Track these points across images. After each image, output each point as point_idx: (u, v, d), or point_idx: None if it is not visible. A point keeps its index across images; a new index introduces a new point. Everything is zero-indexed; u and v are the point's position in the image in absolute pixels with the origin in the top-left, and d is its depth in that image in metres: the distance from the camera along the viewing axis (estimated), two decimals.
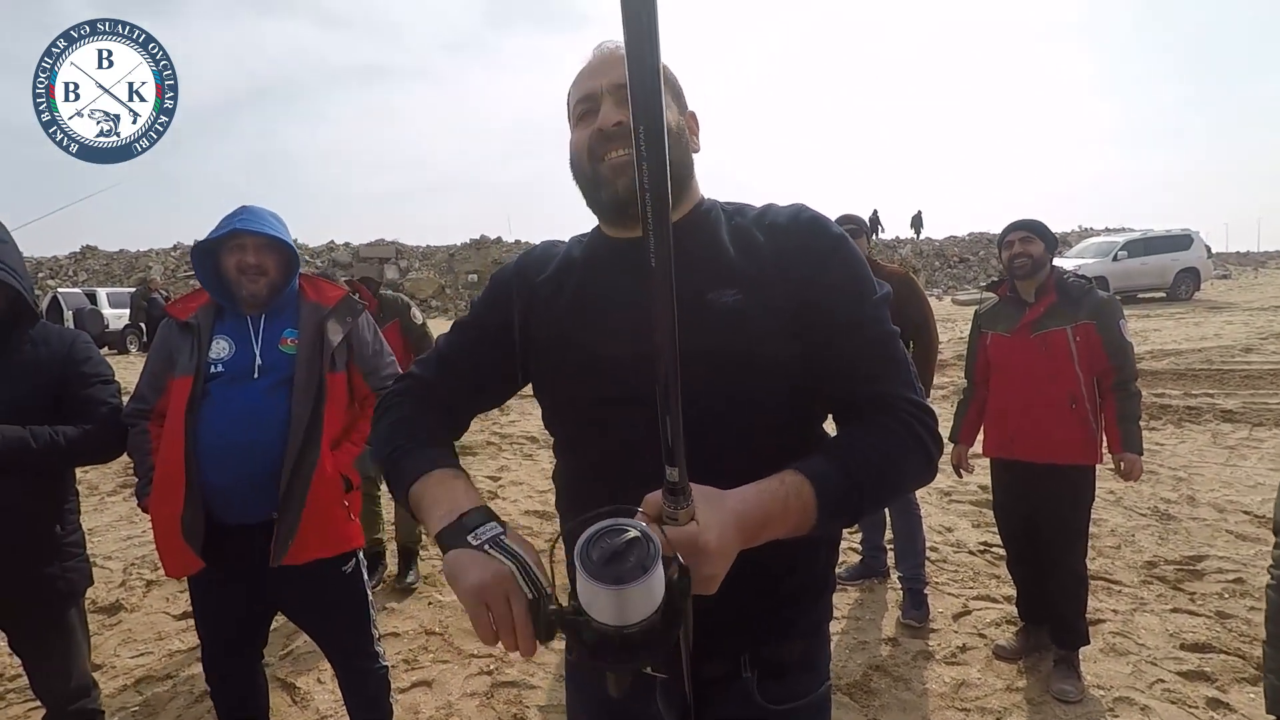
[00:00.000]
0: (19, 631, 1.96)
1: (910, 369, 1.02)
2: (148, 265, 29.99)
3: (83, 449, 1.94)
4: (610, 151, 1.01)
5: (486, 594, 0.80)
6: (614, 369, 1.00)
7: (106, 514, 5.17)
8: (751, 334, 0.96)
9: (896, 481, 0.96)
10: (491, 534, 0.86)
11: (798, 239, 1.02)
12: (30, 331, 1.95)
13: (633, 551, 0.68)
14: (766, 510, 0.83)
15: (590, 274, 1.09)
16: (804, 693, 1.08)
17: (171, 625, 3.48)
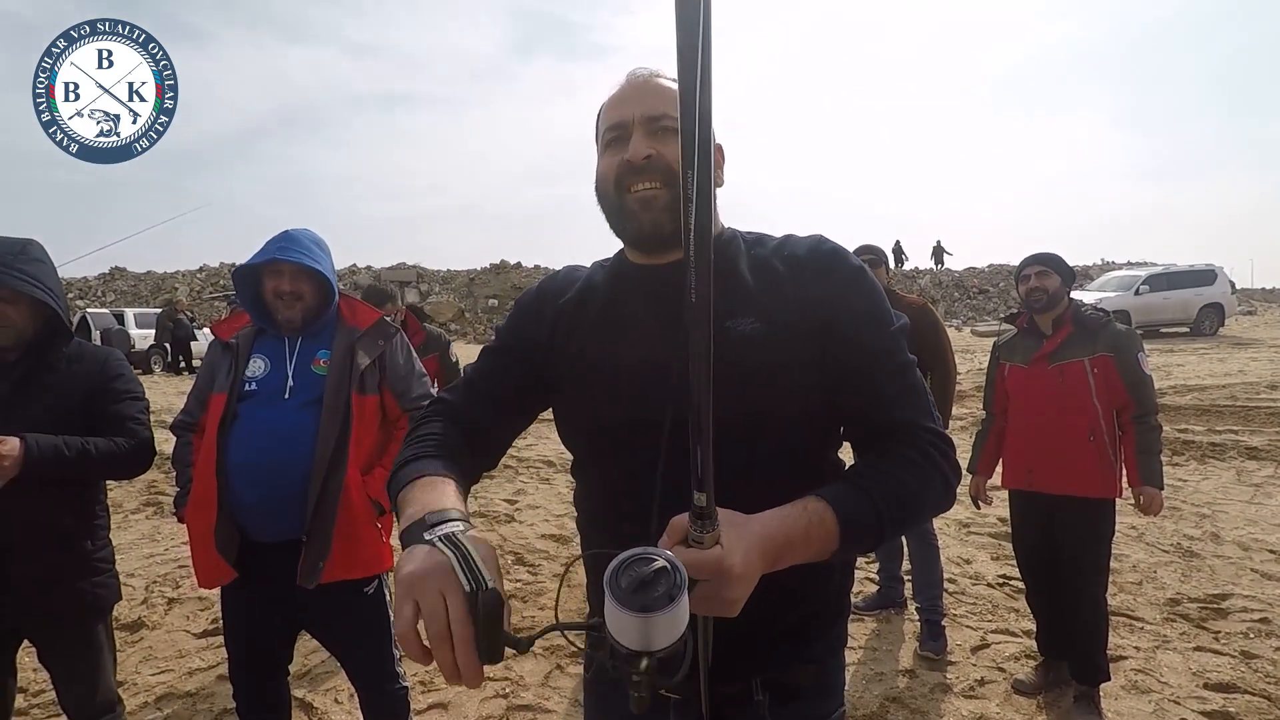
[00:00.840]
0: (48, 646, 2.00)
1: (928, 398, 1.04)
2: (174, 286, 30.56)
3: (113, 461, 1.98)
4: (637, 184, 1.02)
5: (417, 586, 0.71)
6: (634, 391, 1.01)
7: (129, 532, 5.25)
8: (769, 361, 0.98)
9: (916, 509, 0.97)
10: (446, 530, 0.78)
11: (817, 270, 1.04)
12: (65, 349, 2.01)
13: (661, 581, 0.69)
14: (789, 535, 0.85)
15: (613, 298, 1.11)
16: (817, 717, 1.09)
17: (192, 643, 3.52)
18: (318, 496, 1.95)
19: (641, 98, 1.04)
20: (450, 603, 0.70)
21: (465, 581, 0.71)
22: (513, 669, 3.16)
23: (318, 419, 2.01)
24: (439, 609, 0.70)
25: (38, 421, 1.89)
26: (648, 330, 1.04)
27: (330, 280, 2.14)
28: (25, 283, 1.87)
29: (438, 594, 0.70)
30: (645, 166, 1.01)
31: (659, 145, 1.01)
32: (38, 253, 1.97)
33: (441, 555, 0.74)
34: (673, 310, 1.00)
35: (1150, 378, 2.77)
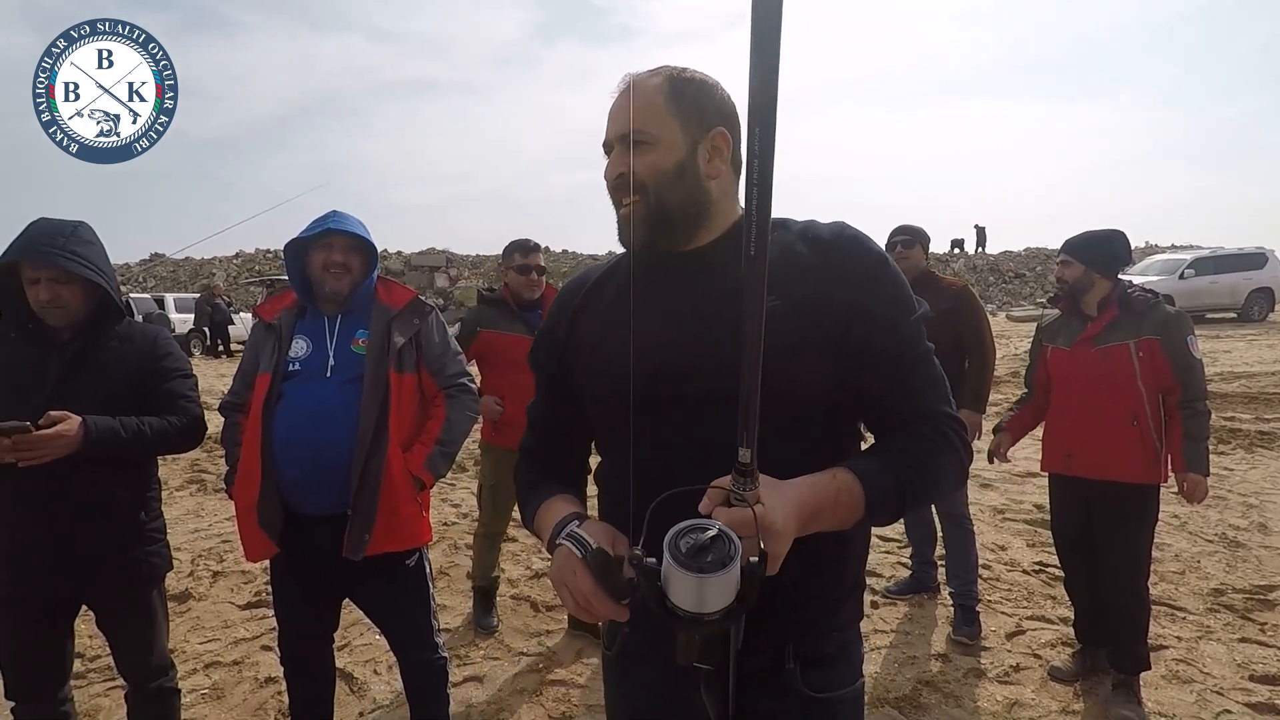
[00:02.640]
0: (106, 612, 2.08)
1: (944, 385, 1.08)
2: (211, 272, 31.23)
3: (166, 439, 2.04)
4: (620, 201, 1.10)
5: (559, 575, 0.96)
6: (654, 369, 1.04)
7: (175, 508, 5.40)
8: (788, 339, 0.99)
9: (935, 484, 1.03)
10: (567, 529, 1.00)
11: (840, 256, 1.06)
12: (117, 328, 2.07)
13: (715, 547, 0.77)
14: (820, 501, 0.92)
15: (623, 283, 1.15)
16: (843, 684, 1.13)
17: (237, 614, 3.64)
18: (361, 471, 2.00)
19: (614, 117, 1.11)
20: (579, 574, 0.94)
21: (578, 553, 0.95)
22: (546, 645, 3.22)
23: (359, 397, 2.05)
24: (575, 583, 0.94)
25: (91, 399, 1.94)
26: (662, 310, 1.08)
27: (375, 254, 2.19)
28: (77, 263, 1.92)
29: (571, 573, 0.95)
30: (620, 184, 1.08)
31: (630, 161, 1.08)
32: (88, 234, 2.02)
33: (564, 547, 0.98)
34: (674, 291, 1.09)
35: (1200, 361, 2.68)
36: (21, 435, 1.77)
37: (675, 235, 1.09)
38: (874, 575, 3.93)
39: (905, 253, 3.44)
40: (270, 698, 2.84)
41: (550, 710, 2.76)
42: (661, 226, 1.08)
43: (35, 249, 1.90)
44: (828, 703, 1.10)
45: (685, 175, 1.07)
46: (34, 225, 1.97)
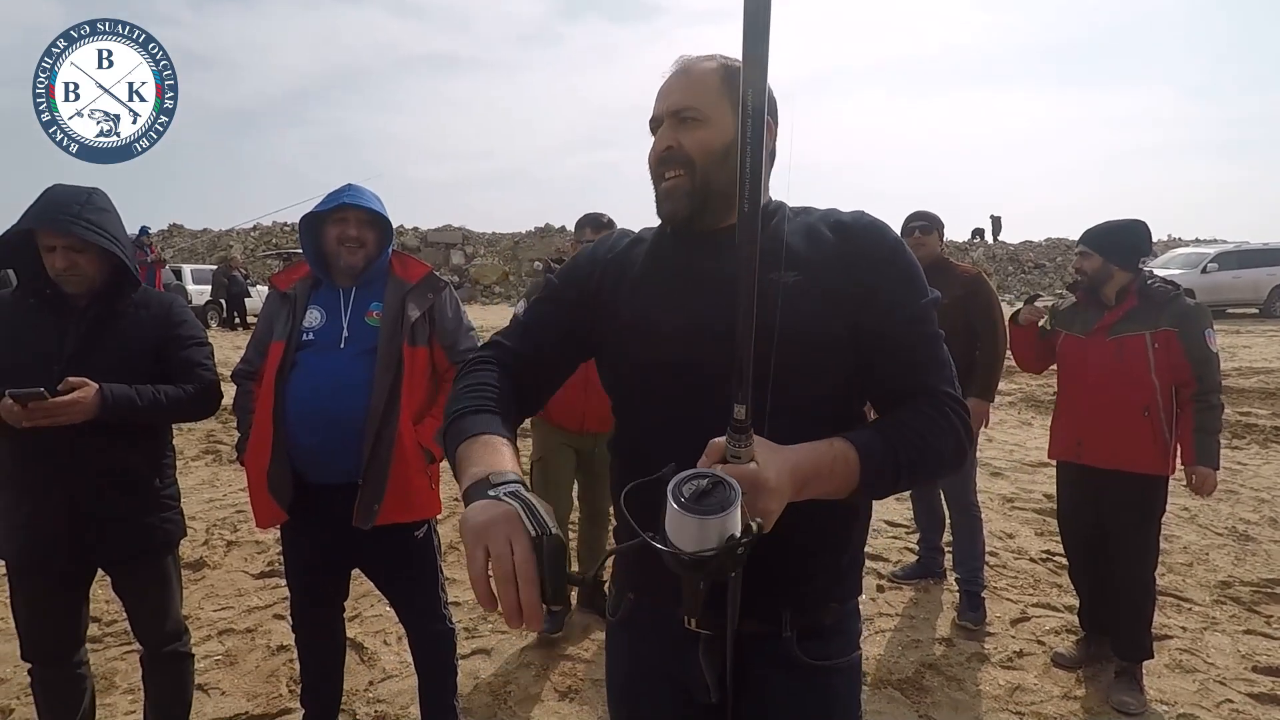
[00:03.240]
0: (122, 577, 2.12)
1: (950, 369, 1.10)
2: (229, 244, 31.37)
3: (181, 406, 2.06)
4: (665, 173, 1.11)
5: (486, 533, 0.77)
6: (672, 338, 1.08)
7: (190, 478, 5.48)
8: (807, 313, 1.03)
9: (932, 461, 1.04)
10: (510, 488, 0.85)
11: (859, 240, 1.10)
12: (133, 295, 2.09)
13: (716, 492, 0.80)
14: (816, 466, 0.94)
15: (656, 253, 1.19)
16: (840, 654, 1.15)
17: (250, 583, 3.70)
18: (373, 442, 2.03)
19: (670, 92, 1.14)
20: (516, 548, 0.76)
21: (531, 528, 0.78)
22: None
23: (372, 368, 2.07)
24: (506, 553, 0.76)
25: (109, 366, 1.96)
26: (684, 282, 1.11)
27: (390, 229, 2.20)
28: (92, 231, 1.93)
29: (505, 540, 0.77)
30: (668, 157, 1.11)
31: (682, 136, 1.11)
32: (103, 201, 2.03)
33: (508, 506, 0.81)
34: (702, 270, 1.10)
35: (1216, 355, 2.64)
36: (39, 402, 1.80)
37: (714, 213, 1.12)
38: (880, 560, 3.94)
39: (922, 239, 3.42)
40: (282, 665, 2.89)
41: (556, 684, 2.80)
42: (702, 203, 1.11)
43: (50, 217, 1.92)
44: (824, 670, 1.13)
45: (731, 157, 1.09)
46: (49, 192, 1.98)
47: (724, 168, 1.08)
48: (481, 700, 2.70)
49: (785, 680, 1.12)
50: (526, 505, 0.81)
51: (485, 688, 2.78)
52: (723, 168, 1.08)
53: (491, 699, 2.71)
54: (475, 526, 0.79)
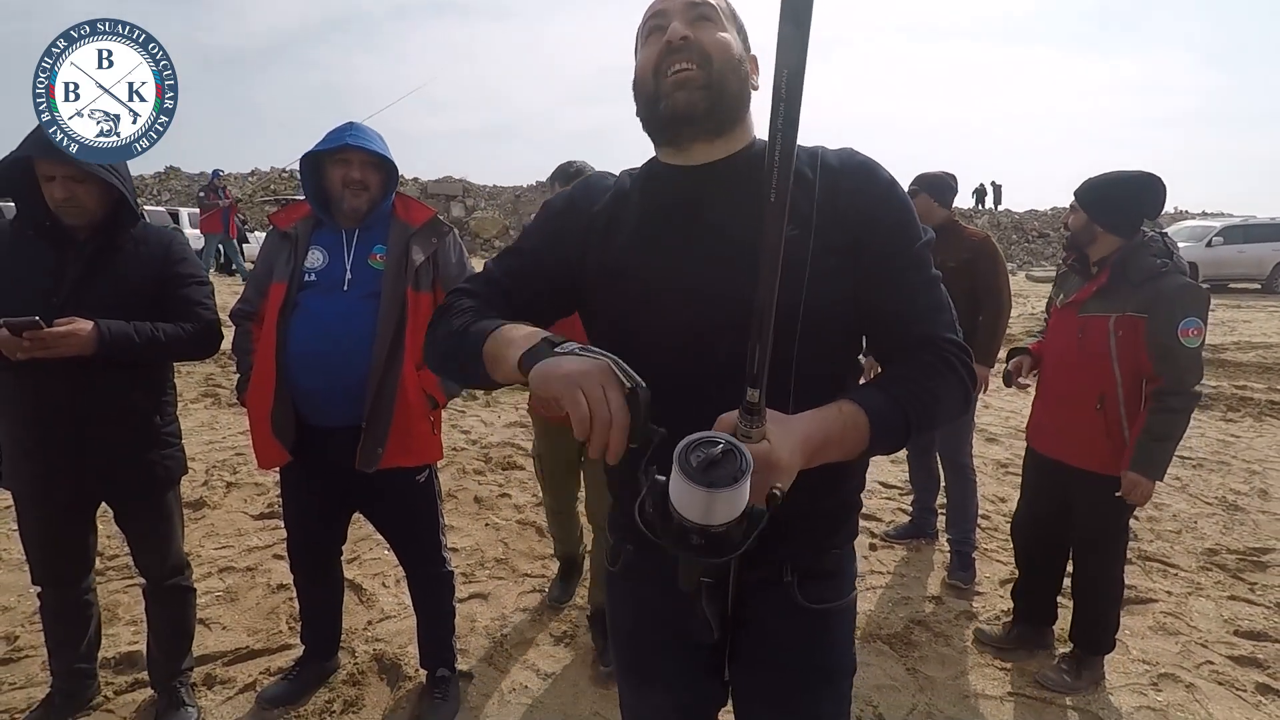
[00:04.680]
0: (124, 511, 2.15)
1: (950, 312, 1.07)
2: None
3: (180, 345, 2.05)
4: (674, 64, 1.03)
5: (585, 380, 0.81)
6: (671, 304, 1.02)
7: (190, 420, 5.50)
8: (804, 264, 0.99)
9: (938, 413, 1.02)
10: (576, 346, 0.87)
11: (850, 181, 1.04)
12: (132, 231, 2.06)
13: (727, 462, 0.74)
14: (827, 434, 0.92)
15: (647, 206, 1.11)
16: (837, 596, 1.17)
17: (250, 523, 3.74)
18: (377, 385, 2.02)
19: None
20: (611, 396, 0.81)
21: (625, 380, 0.82)
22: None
23: (375, 311, 2.05)
24: (603, 400, 0.80)
25: (107, 301, 1.95)
26: (682, 239, 1.05)
27: (395, 172, 2.16)
28: (93, 163, 1.91)
29: (600, 388, 0.81)
30: (683, 47, 1.03)
31: (699, 31, 1.04)
32: None
33: (600, 359, 0.83)
34: (705, 218, 1.04)
35: (1192, 350, 2.24)
36: (34, 331, 1.78)
37: (720, 121, 1.05)
38: (874, 519, 3.99)
39: (915, 200, 3.39)
40: (282, 603, 2.94)
41: (552, 630, 2.85)
42: (715, 104, 1.03)
43: (50, 144, 1.88)
44: (823, 613, 1.15)
45: (741, 70, 1.07)
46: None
47: (735, 76, 1.05)
48: (479, 643, 2.75)
49: (785, 622, 1.14)
50: (614, 359, 0.84)
51: (483, 631, 2.83)
52: (734, 76, 1.04)
53: (489, 642, 2.76)
54: (571, 374, 0.81)
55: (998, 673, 2.67)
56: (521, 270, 1.17)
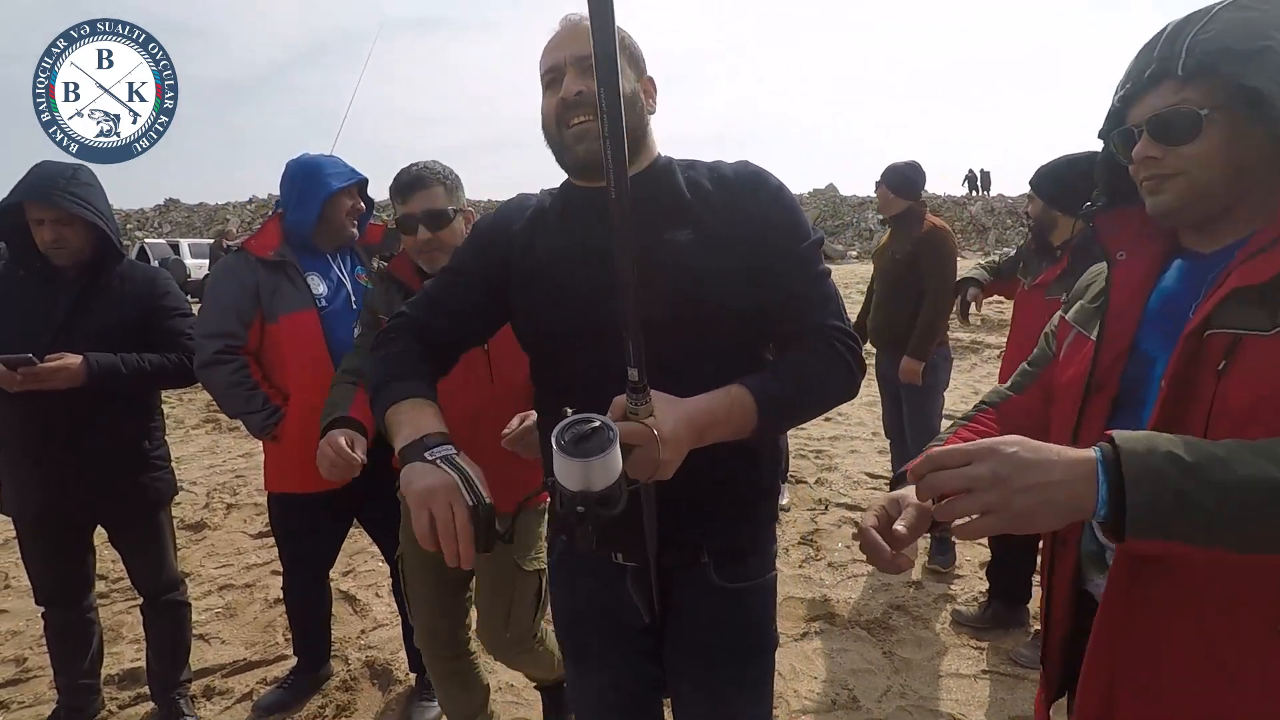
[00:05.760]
0: (119, 530, 2.26)
1: (836, 302, 1.17)
2: (225, 218, 31.31)
3: (165, 374, 2.16)
4: (573, 119, 1.11)
5: (430, 499, 0.91)
6: (585, 303, 1.12)
7: (191, 445, 5.64)
8: (703, 266, 1.10)
9: (822, 394, 1.13)
10: (444, 452, 0.98)
11: (742, 191, 1.16)
12: (117, 268, 2.16)
13: (596, 435, 0.85)
14: (713, 412, 1.01)
15: (562, 221, 1.21)
16: (755, 575, 1.26)
17: (249, 543, 3.86)
18: None
19: (572, 40, 1.13)
20: (457, 513, 0.91)
21: (468, 497, 0.92)
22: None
23: None
24: (448, 518, 0.91)
25: (97, 336, 2.06)
26: (592, 248, 1.12)
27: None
28: (78, 205, 2.01)
29: (448, 506, 0.91)
30: (578, 101, 1.11)
31: (589, 82, 1.09)
32: (87, 177, 2.10)
33: (448, 475, 0.94)
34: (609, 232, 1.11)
35: None
36: (28, 367, 1.90)
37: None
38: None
39: (876, 191, 3.52)
40: (278, 617, 3.04)
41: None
42: None
43: (38, 190, 2.00)
44: (739, 591, 1.24)
45: (636, 106, 1.15)
46: (37, 168, 2.06)
47: (631, 112, 1.11)
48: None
49: (706, 601, 1.23)
50: (463, 475, 0.95)
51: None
52: (631, 112, 1.11)
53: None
54: (420, 491, 0.92)
55: (973, 652, 2.75)
56: (454, 286, 1.27)
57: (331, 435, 1.71)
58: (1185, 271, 0.98)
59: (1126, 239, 1.04)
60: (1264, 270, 0.83)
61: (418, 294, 1.32)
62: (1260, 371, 0.82)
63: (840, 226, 32.76)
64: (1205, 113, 0.87)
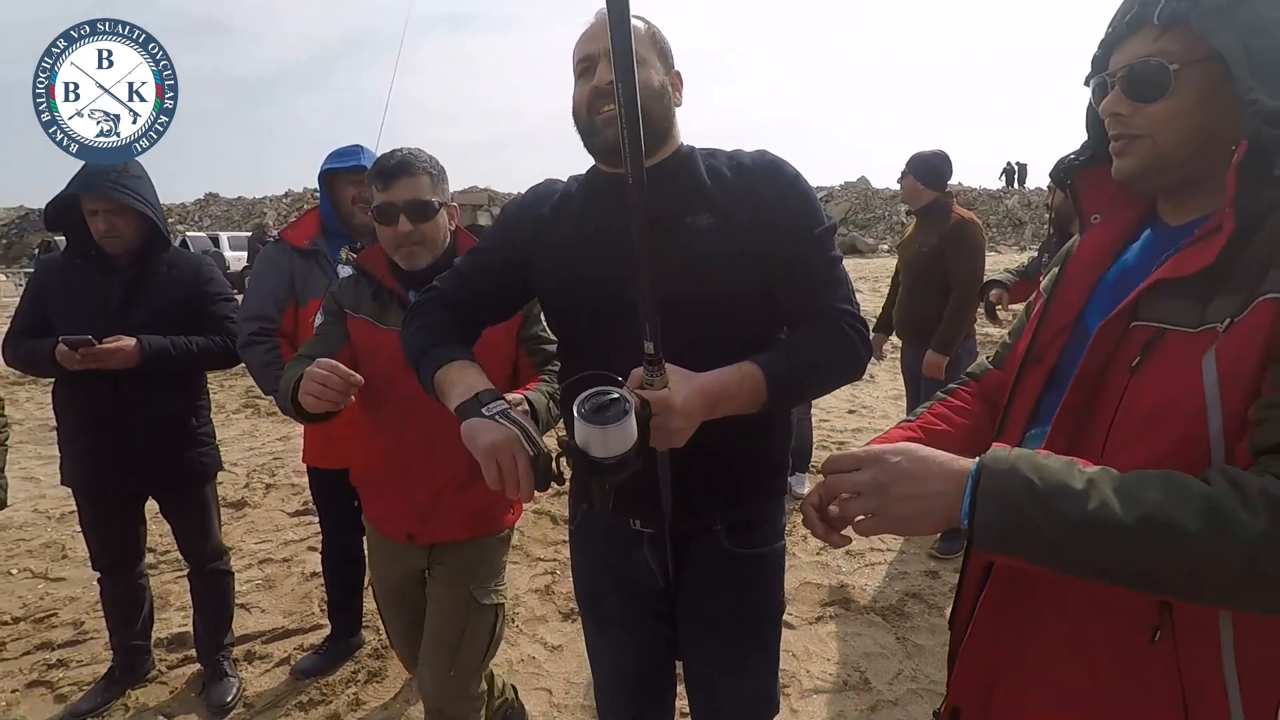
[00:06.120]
0: (168, 503, 2.42)
1: (846, 287, 1.23)
2: (263, 211, 31.99)
3: (211, 356, 2.31)
4: (604, 106, 1.19)
5: (498, 452, 1.03)
6: (606, 282, 1.20)
7: (231, 429, 5.85)
8: (721, 250, 1.17)
9: (828, 372, 1.20)
10: (500, 408, 1.09)
11: (759, 178, 1.22)
12: (165, 255, 2.31)
13: (614, 405, 0.93)
14: (725, 385, 1.08)
15: (588, 205, 1.29)
16: (762, 543, 1.34)
17: (287, 520, 4.03)
18: None
19: (605, 33, 1.17)
20: (520, 463, 1.02)
21: (529, 448, 1.03)
22: (561, 554, 3.51)
23: None
24: (513, 467, 1.02)
25: (148, 319, 2.21)
26: (617, 229, 1.19)
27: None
28: (129, 196, 2.16)
29: (512, 458, 1.03)
30: (609, 90, 1.17)
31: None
32: (137, 170, 2.25)
33: (510, 430, 1.05)
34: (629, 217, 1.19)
35: None
36: (87, 348, 2.05)
37: (646, 144, 1.18)
38: None
39: (903, 181, 3.47)
40: (314, 589, 3.19)
41: (560, 607, 3.06)
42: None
43: (92, 183, 2.15)
44: (747, 557, 1.32)
45: (663, 98, 1.23)
46: (89, 164, 2.21)
47: (659, 104, 1.20)
48: None
49: (715, 566, 1.32)
50: (521, 428, 1.05)
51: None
52: (658, 104, 1.20)
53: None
54: (488, 446, 1.04)
55: None
56: (483, 264, 1.37)
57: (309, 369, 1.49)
58: (1149, 243, 0.91)
59: (1104, 201, 0.97)
60: (1196, 261, 0.78)
61: (449, 270, 1.40)
62: (1173, 373, 0.77)
63: (872, 219, 32.42)
64: (1175, 68, 0.79)
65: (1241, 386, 0.73)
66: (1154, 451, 0.77)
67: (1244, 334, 0.73)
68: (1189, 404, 0.75)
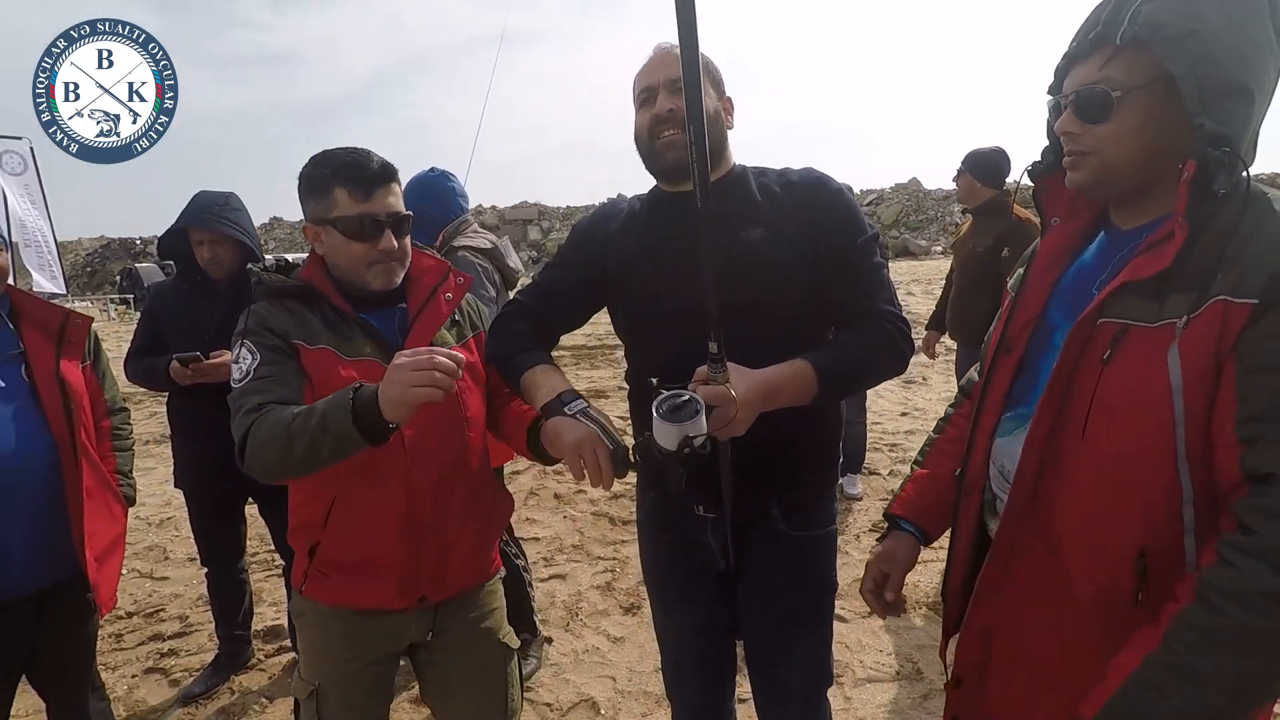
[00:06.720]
0: (267, 504, 2.62)
1: (889, 290, 1.37)
2: None
3: None
4: (664, 132, 1.35)
5: (581, 448, 1.20)
6: (671, 292, 1.35)
7: None
8: (774, 261, 1.32)
9: (873, 366, 1.33)
10: (580, 406, 1.26)
11: (807, 193, 1.37)
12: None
13: (688, 405, 1.10)
14: (780, 380, 1.23)
15: (651, 222, 1.45)
16: (816, 527, 1.47)
17: None
18: None
19: (664, 65, 1.36)
20: (601, 456, 1.20)
21: (608, 443, 1.21)
22: (621, 553, 3.66)
23: None
24: (595, 460, 1.20)
25: None
26: (678, 244, 1.35)
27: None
28: (232, 228, 2.42)
29: (594, 452, 1.20)
30: (669, 117, 1.34)
31: (678, 101, 1.32)
32: (237, 203, 2.52)
33: (590, 428, 1.22)
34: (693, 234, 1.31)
35: None
36: (196, 364, 2.31)
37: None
38: None
39: (958, 179, 3.49)
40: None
41: (621, 601, 3.21)
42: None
43: (198, 217, 2.41)
44: (803, 540, 1.45)
45: (718, 123, 1.38)
46: (197, 197, 2.48)
47: (715, 129, 1.33)
48: (557, 614, 3.14)
49: (773, 547, 1.45)
50: (600, 425, 1.23)
51: (560, 605, 3.22)
52: (714, 129, 1.32)
53: (566, 614, 3.14)
54: (573, 443, 1.21)
55: None
56: (560, 279, 1.54)
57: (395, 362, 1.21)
58: (1103, 245, 1.03)
59: (1062, 206, 1.08)
60: (1155, 264, 0.88)
61: (530, 283, 1.56)
62: (1141, 365, 0.87)
63: (924, 221, 31.89)
64: (1118, 95, 0.90)
65: (1201, 375, 0.85)
66: (1127, 433, 0.89)
67: (1201, 330, 0.85)
68: (1157, 390, 0.87)
